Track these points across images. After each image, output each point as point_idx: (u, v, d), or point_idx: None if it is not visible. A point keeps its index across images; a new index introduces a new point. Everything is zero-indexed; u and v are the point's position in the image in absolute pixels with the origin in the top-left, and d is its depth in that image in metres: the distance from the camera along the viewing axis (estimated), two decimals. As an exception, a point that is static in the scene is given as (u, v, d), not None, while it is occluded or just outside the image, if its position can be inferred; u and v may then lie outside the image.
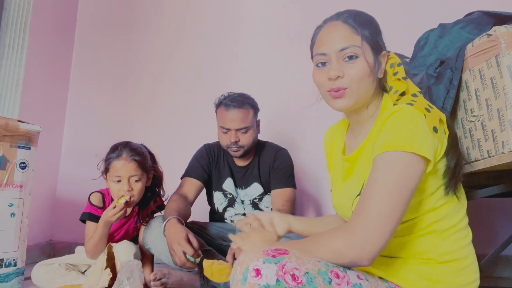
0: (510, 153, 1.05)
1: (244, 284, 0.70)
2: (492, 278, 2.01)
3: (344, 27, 0.90)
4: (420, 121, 0.81)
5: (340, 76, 0.88)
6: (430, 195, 0.84)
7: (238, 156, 1.74)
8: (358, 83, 0.88)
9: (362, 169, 0.91)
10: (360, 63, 0.88)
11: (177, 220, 1.46)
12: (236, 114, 1.67)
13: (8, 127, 1.57)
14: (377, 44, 0.91)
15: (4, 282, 1.54)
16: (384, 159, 0.79)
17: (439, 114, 0.86)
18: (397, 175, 0.77)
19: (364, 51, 0.88)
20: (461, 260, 0.84)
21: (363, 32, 0.90)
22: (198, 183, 1.76)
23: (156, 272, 1.57)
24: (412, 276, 0.83)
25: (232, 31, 2.60)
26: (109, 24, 2.78)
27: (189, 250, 1.34)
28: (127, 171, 1.56)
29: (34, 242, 2.32)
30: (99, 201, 1.68)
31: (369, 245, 0.74)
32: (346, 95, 0.89)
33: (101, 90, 2.72)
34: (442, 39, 1.38)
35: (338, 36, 0.90)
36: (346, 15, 0.92)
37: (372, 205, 0.76)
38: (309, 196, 2.35)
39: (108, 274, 1.39)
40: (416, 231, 0.85)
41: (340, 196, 0.99)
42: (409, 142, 0.78)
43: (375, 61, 0.90)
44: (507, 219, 2.10)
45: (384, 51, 0.93)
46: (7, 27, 2.26)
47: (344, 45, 0.89)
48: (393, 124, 0.81)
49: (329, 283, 0.73)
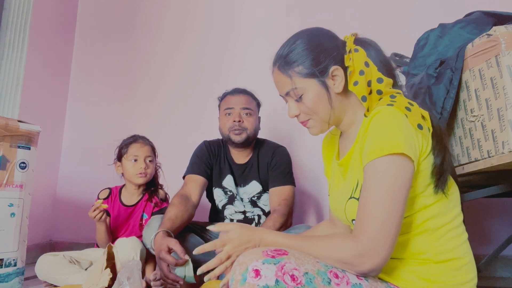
0: (510, 153, 1.05)
1: (243, 285, 0.70)
2: (491, 278, 2.01)
3: (279, 74, 0.97)
4: (402, 121, 0.81)
5: (297, 115, 0.97)
6: (420, 193, 0.85)
7: (240, 140, 1.72)
8: (314, 113, 0.95)
9: (352, 172, 0.92)
10: (306, 97, 0.94)
11: (164, 233, 1.43)
12: (241, 96, 1.76)
13: (8, 127, 1.57)
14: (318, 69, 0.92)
15: (4, 282, 1.54)
16: (374, 166, 0.79)
17: (420, 111, 0.86)
18: (391, 179, 0.77)
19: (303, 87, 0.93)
20: (458, 260, 0.84)
21: (295, 71, 0.93)
22: (201, 179, 1.75)
23: (156, 272, 1.57)
24: (410, 277, 0.84)
25: (232, 30, 2.60)
26: (109, 24, 2.78)
27: (171, 261, 1.33)
28: (143, 152, 1.82)
29: (34, 242, 2.32)
30: (104, 194, 1.86)
31: (379, 255, 0.74)
32: (310, 125, 0.97)
33: (101, 90, 2.72)
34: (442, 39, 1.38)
35: (278, 83, 0.98)
36: (278, 60, 0.97)
37: (373, 216, 0.76)
38: (309, 196, 2.35)
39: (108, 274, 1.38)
40: (411, 230, 0.85)
41: (335, 200, 1.00)
42: (394, 143, 0.78)
43: (321, 86, 0.93)
44: (506, 219, 2.10)
45: (333, 66, 0.92)
46: (7, 27, 2.26)
47: (285, 90, 0.96)
48: (375, 128, 0.82)
49: (328, 283, 0.73)
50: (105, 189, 1.88)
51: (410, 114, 0.83)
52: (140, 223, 1.82)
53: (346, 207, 0.92)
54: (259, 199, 1.81)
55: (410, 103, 0.86)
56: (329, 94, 0.94)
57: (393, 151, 0.77)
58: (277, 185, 1.73)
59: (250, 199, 1.81)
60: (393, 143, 0.78)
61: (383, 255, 0.75)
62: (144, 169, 1.80)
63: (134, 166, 1.80)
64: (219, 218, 1.86)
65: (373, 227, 0.75)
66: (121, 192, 1.87)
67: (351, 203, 0.89)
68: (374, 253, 0.75)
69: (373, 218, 0.76)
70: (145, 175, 1.81)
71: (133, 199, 1.84)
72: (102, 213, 1.67)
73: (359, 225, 0.78)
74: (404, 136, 0.79)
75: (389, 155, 0.78)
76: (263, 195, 1.81)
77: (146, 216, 1.81)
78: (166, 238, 1.41)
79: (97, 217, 1.65)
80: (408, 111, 0.83)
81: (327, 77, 0.93)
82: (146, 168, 1.81)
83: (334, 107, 0.94)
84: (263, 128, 1.92)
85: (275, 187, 1.74)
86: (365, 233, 0.76)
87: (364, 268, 0.75)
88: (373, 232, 0.75)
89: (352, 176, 0.92)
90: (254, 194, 1.81)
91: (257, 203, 1.82)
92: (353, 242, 0.77)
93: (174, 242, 1.37)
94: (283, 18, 2.49)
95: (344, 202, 0.92)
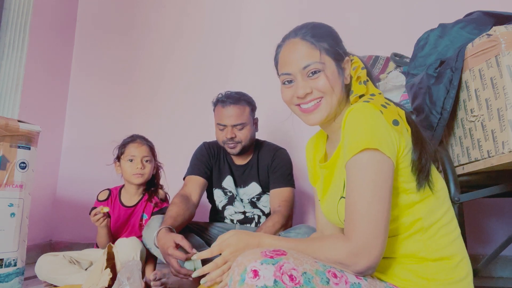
0: (510, 153, 1.05)
1: (242, 285, 0.70)
2: (491, 278, 2.00)
3: (303, 44, 0.93)
4: (376, 117, 0.81)
5: (308, 93, 0.92)
6: (406, 190, 0.84)
7: (235, 153, 1.74)
8: (329, 93, 0.91)
9: (340, 172, 0.92)
10: (324, 76, 0.91)
11: (167, 229, 1.45)
12: (232, 110, 1.68)
13: (8, 127, 1.57)
14: (337, 53, 0.94)
15: (4, 282, 1.54)
16: (354, 163, 0.79)
17: (397, 110, 0.86)
18: (371, 176, 0.77)
19: (325, 64, 0.91)
20: (452, 257, 0.85)
21: (322, 45, 0.92)
22: (201, 180, 1.76)
23: (156, 272, 1.58)
24: (408, 276, 0.84)
25: (232, 30, 2.60)
26: (109, 24, 2.78)
27: (180, 256, 1.34)
28: (140, 152, 1.81)
29: (34, 242, 2.33)
30: (104, 195, 1.85)
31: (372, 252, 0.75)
32: (320, 107, 0.92)
33: (101, 90, 2.72)
34: (442, 39, 1.38)
35: (299, 54, 0.92)
36: (304, 31, 0.94)
37: (360, 214, 0.76)
38: (309, 196, 2.35)
39: (108, 274, 1.39)
40: (404, 230, 0.85)
41: (326, 203, 1.00)
42: (369, 139, 0.78)
43: (339, 70, 0.93)
44: (506, 219, 2.10)
45: (346, 57, 0.96)
46: (7, 27, 2.26)
47: (306, 63, 0.91)
48: (351, 124, 0.82)
49: (327, 283, 0.73)
50: (104, 190, 1.87)
51: (386, 110, 0.83)
52: (140, 223, 1.82)
53: (338, 208, 0.92)
54: (259, 200, 1.82)
55: (386, 102, 0.87)
56: (341, 80, 0.94)
57: (368, 146, 0.78)
58: (277, 187, 1.74)
59: (250, 200, 1.81)
60: (367, 138, 0.78)
61: (376, 251, 0.75)
62: (140, 169, 1.79)
63: (130, 166, 1.79)
64: (219, 218, 1.86)
65: (362, 225, 0.75)
66: (120, 192, 1.87)
67: (342, 203, 0.89)
68: (367, 251, 0.75)
69: (360, 216, 0.76)
70: (141, 176, 1.79)
71: (133, 200, 1.84)
72: (104, 218, 1.66)
73: (349, 225, 0.78)
74: (378, 132, 0.79)
75: (365, 150, 0.78)
76: (263, 196, 1.81)
77: (146, 217, 1.81)
78: (170, 234, 1.41)
79: (99, 221, 1.65)
80: (384, 108, 0.83)
81: (341, 65, 0.95)
82: (142, 169, 1.79)
83: (341, 96, 0.94)
84: (262, 129, 1.91)
85: (275, 189, 1.74)
86: (355, 232, 0.76)
87: (359, 267, 0.76)
88: (363, 230, 0.75)
89: (340, 175, 0.92)
90: (254, 195, 1.81)
91: (256, 204, 1.82)
92: (345, 242, 0.77)
93: (180, 237, 1.38)
94: (283, 18, 2.49)
95: (336, 203, 0.92)
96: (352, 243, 0.76)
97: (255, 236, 0.86)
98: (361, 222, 0.76)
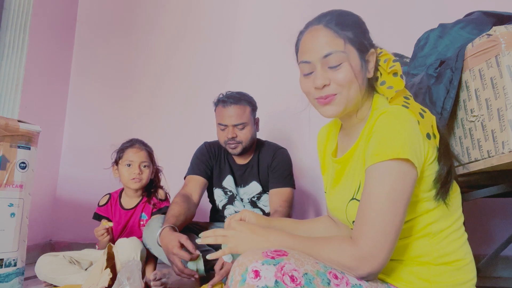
0: (510, 153, 1.05)
1: (243, 285, 0.70)
2: (491, 278, 2.00)
3: (326, 32, 0.87)
4: (411, 125, 0.79)
5: (326, 85, 0.86)
6: (423, 198, 0.84)
7: (236, 153, 1.74)
8: (347, 87, 0.86)
9: (354, 172, 0.90)
10: (346, 67, 0.85)
11: (170, 228, 1.45)
12: (233, 110, 1.69)
13: (8, 127, 1.57)
14: (363, 44, 0.88)
15: (4, 282, 1.54)
16: (376, 170, 0.77)
17: (431, 119, 0.85)
18: (392, 185, 0.76)
19: (348, 54, 0.85)
20: (458, 261, 0.84)
21: (346, 34, 0.86)
22: (201, 179, 1.76)
23: (156, 272, 1.57)
24: (410, 277, 0.84)
25: (233, 31, 2.60)
26: (109, 24, 2.78)
27: (185, 256, 1.34)
28: (138, 157, 1.79)
29: (34, 242, 2.32)
30: (103, 200, 1.85)
31: (377, 260, 0.74)
32: (335, 101, 0.87)
33: (101, 90, 2.72)
34: (442, 39, 1.38)
35: (320, 42, 0.86)
36: (328, 18, 0.88)
37: (372, 222, 0.76)
38: (309, 196, 2.35)
39: (108, 274, 1.39)
40: (413, 234, 0.85)
41: (334, 199, 0.98)
42: (399, 148, 0.76)
43: (362, 62, 0.88)
44: (506, 219, 2.10)
45: (372, 49, 0.90)
46: (7, 27, 2.26)
47: (327, 51, 0.85)
48: (383, 127, 0.79)
49: (327, 284, 0.73)
50: (104, 196, 1.86)
51: (422, 121, 0.81)
52: (139, 223, 1.82)
53: (347, 208, 0.90)
54: (259, 200, 1.82)
55: (422, 109, 0.85)
56: (363, 74, 0.88)
57: (397, 156, 0.76)
58: (277, 187, 1.74)
59: (250, 199, 1.81)
60: (398, 148, 0.76)
61: (381, 260, 0.75)
62: (138, 175, 1.76)
63: (128, 171, 1.77)
64: (219, 218, 1.86)
65: (372, 232, 0.75)
66: (121, 196, 1.86)
67: (352, 204, 0.88)
68: (373, 258, 0.74)
69: (372, 224, 0.75)
70: (139, 181, 1.77)
71: (132, 202, 1.83)
72: (108, 233, 1.66)
73: (359, 230, 0.77)
74: (410, 141, 0.77)
75: (390, 160, 0.76)
76: (263, 196, 1.81)
77: (145, 217, 1.81)
78: (174, 233, 1.42)
79: (102, 236, 1.66)
80: (421, 118, 0.81)
81: (365, 57, 0.89)
82: (140, 174, 1.77)
83: (362, 90, 0.89)
84: (263, 129, 1.91)
85: (275, 188, 1.74)
86: (364, 238, 0.75)
87: (362, 272, 0.75)
88: (372, 237, 0.75)
89: (353, 176, 0.90)
90: (254, 195, 1.81)
91: (257, 204, 1.82)
92: (352, 246, 0.76)
93: (185, 238, 1.39)
94: (283, 19, 2.49)
95: (346, 203, 0.91)
96: (358, 248, 0.75)
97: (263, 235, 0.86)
98: (371, 229, 0.75)
